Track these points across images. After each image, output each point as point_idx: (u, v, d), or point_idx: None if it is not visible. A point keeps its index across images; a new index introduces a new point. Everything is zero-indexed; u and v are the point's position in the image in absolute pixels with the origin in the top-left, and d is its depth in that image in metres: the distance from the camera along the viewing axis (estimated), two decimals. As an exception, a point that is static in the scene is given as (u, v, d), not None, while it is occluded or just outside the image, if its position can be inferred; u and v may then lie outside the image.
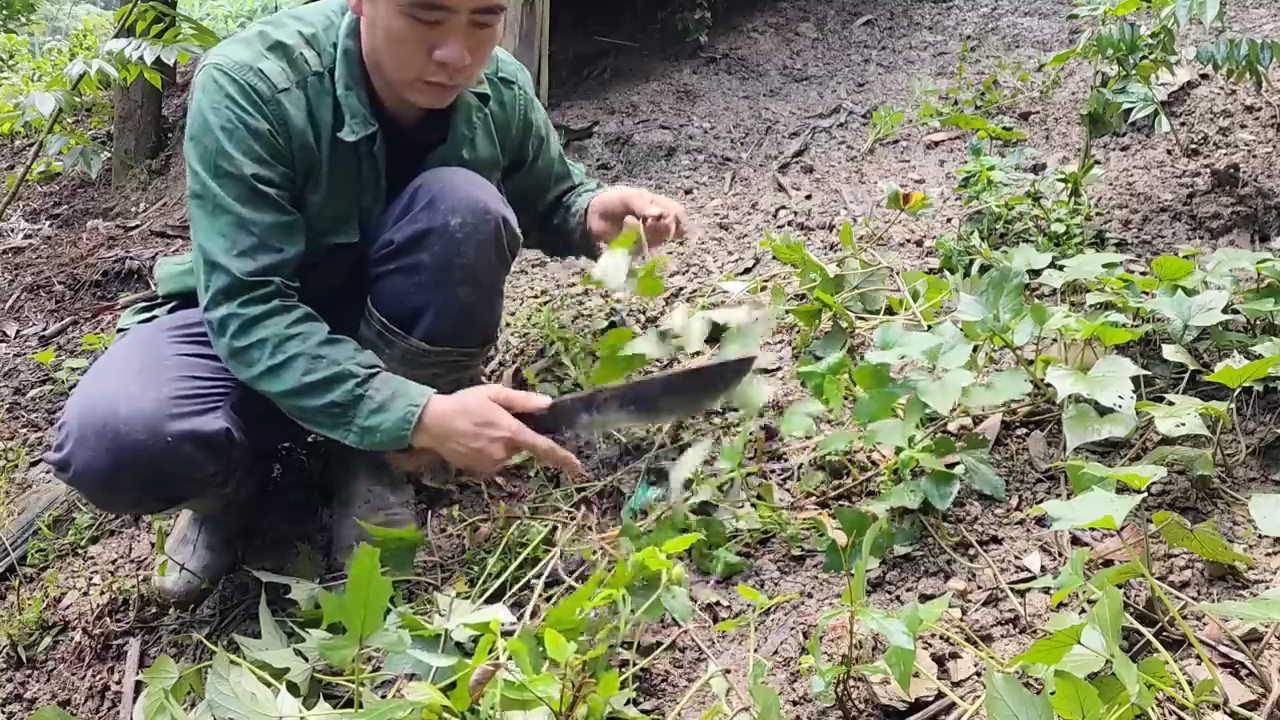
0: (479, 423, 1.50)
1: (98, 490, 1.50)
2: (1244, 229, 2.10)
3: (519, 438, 1.51)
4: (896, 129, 3.32)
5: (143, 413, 1.43)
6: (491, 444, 1.50)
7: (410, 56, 1.48)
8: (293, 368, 1.48)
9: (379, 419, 1.49)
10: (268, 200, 1.51)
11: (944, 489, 1.43)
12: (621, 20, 4.81)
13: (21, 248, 3.95)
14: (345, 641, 1.26)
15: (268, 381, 1.50)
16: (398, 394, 1.50)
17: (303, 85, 1.55)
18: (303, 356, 1.48)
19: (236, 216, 1.49)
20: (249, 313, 1.49)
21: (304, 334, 1.50)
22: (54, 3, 12.45)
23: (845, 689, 1.17)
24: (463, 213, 1.58)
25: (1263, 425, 1.48)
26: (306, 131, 1.55)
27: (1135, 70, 2.07)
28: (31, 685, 1.81)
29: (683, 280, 2.47)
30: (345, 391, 1.49)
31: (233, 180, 1.49)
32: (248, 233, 1.50)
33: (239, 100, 1.49)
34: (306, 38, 1.57)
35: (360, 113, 1.57)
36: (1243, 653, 1.10)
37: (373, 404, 1.49)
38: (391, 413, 1.49)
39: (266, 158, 1.51)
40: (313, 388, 1.48)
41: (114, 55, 2.90)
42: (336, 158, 1.59)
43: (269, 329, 1.49)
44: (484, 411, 1.50)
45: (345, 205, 1.63)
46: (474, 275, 1.62)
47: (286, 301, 1.52)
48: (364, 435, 1.50)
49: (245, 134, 1.49)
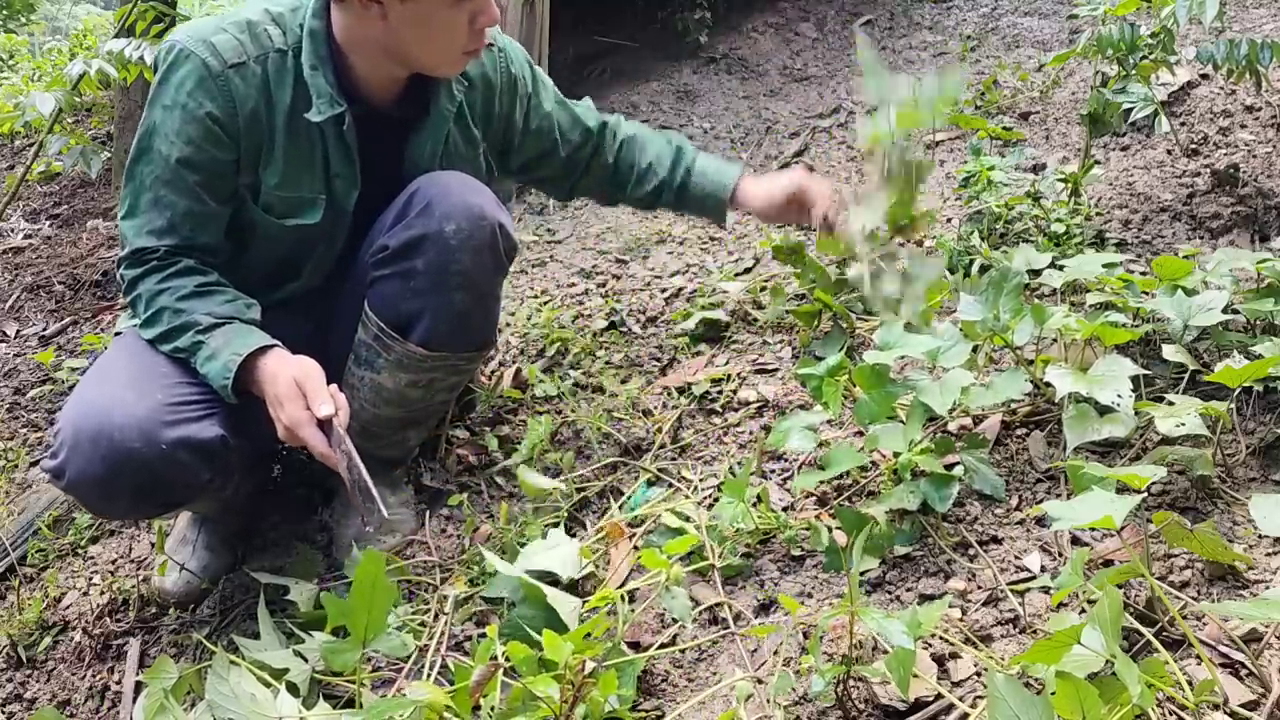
0: (274, 394, 1.48)
1: (93, 497, 1.50)
2: (1244, 229, 2.10)
3: (295, 430, 1.45)
4: (896, 129, 3.31)
5: (137, 420, 1.43)
6: (275, 420, 1.48)
7: (459, 37, 1.54)
8: (159, 318, 1.54)
9: (208, 366, 1.51)
10: (185, 186, 1.55)
11: (943, 490, 1.43)
12: (621, 20, 4.81)
13: (21, 248, 3.94)
14: (348, 646, 1.26)
15: (145, 332, 1.57)
16: (229, 343, 1.52)
17: (261, 60, 1.56)
18: (167, 309, 1.54)
19: (155, 196, 1.56)
20: (133, 272, 1.57)
21: (173, 288, 1.55)
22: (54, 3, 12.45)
23: (845, 689, 1.17)
24: (458, 219, 1.57)
25: (1263, 425, 1.48)
26: (259, 108, 1.56)
27: (1135, 70, 2.07)
28: (31, 685, 1.81)
29: (683, 280, 2.47)
30: (187, 338, 1.53)
31: (160, 159, 1.54)
32: (161, 214, 1.56)
33: (185, 81, 1.53)
34: (273, 16, 1.59)
35: (327, 92, 1.57)
36: (1243, 653, 1.10)
37: (207, 351, 1.51)
38: (217, 361, 1.50)
39: (199, 141, 1.54)
40: (168, 335, 1.54)
41: (114, 55, 2.90)
42: (294, 137, 1.58)
43: (145, 285, 1.56)
44: (280, 388, 1.47)
45: (306, 187, 1.62)
46: (469, 281, 1.61)
47: (165, 260, 1.57)
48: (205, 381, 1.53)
49: (181, 115, 1.53)
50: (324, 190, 1.63)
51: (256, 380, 1.50)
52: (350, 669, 1.29)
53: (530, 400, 2.07)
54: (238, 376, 1.48)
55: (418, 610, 1.56)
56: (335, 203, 1.65)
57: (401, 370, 1.64)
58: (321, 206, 1.64)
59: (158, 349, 1.56)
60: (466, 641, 1.49)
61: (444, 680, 1.38)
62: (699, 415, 1.89)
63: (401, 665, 1.46)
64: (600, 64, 4.59)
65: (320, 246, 1.68)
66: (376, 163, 1.65)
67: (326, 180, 1.63)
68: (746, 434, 1.80)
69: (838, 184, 1.84)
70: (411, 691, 1.16)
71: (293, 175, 1.60)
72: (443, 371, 1.68)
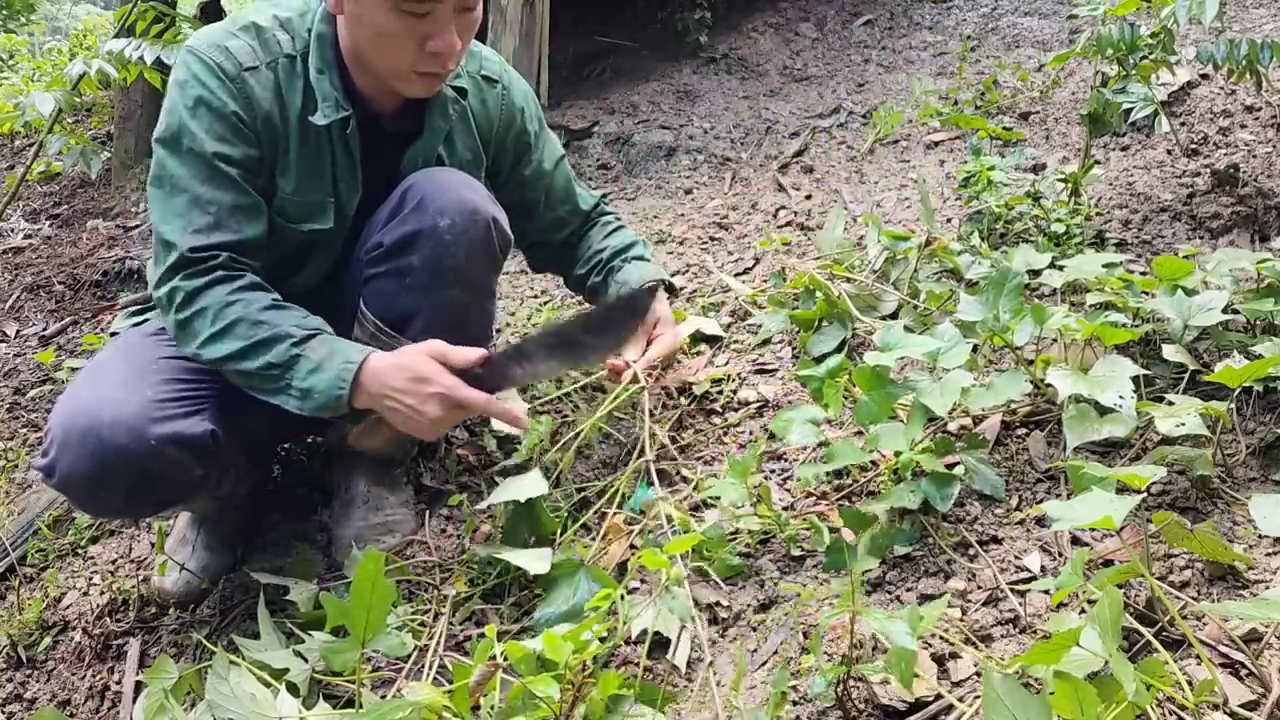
0: (413, 378, 1.44)
1: (84, 495, 1.50)
2: (1244, 229, 2.10)
3: (454, 393, 1.44)
4: (896, 129, 3.32)
5: (126, 417, 1.43)
6: (426, 401, 1.44)
7: (401, 50, 1.48)
8: (233, 333, 1.46)
9: (315, 379, 1.45)
10: (227, 179, 1.51)
11: (944, 490, 1.43)
12: (621, 20, 4.81)
13: (21, 248, 3.94)
14: (347, 645, 1.26)
15: (210, 348, 1.47)
16: (335, 352, 1.47)
17: (273, 66, 1.55)
18: (243, 321, 1.46)
19: (194, 195, 1.50)
20: (192, 284, 1.48)
21: (246, 300, 1.48)
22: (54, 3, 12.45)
23: (845, 689, 1.17)
24: (452, 214, 1.57)
25: (1263, 425, 1.48)
26: (273, 112, 1.55)
27: (1135, 70, 2.07)
28: (31, 685, 1.81)
29: (683, 280, 2.47)
30: (281, 352, 1.45)
31: (193, 157, 1.50)
32: (204, 211, 1.49)
33: (204, 79, 1.50)
34: (281, 21, 1.58)
35: (332, 96, 1.57)
36: (1243, 653, 1.10)
37: (310, 364, 1.45)
38: (328, 371, 1.45)
39: (229, 136, 1.51)
40: (251, 349, 1.46)
41: (114, 55, 2.90)
42: (306, 141, 1.58)
43: (210, 297, 1.47)
44: (418, 366, 1.45)
45: (317, 192, 1.62)
46: (464, 277, 1.61)
47: (231, 271, 1.50)
48: (303, 398, 1.46)
49: (208, 112, 1.50)
50: (331, 194, 1.63)
51: (370, 383, 1.45)
52: (349, 669, 1.29)
53: (530, 400, 2.07)
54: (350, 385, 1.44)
55: (417, 610, 1.56)
56: (340, 207, 1.65)
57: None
58: (331, 211, 1.64)
59: (231, 368, 1.48)
60: (466, 641, 1.49)
61: (444, 680, 1.38)
62: (699, 415, 1.89)
63: (401, 665, 1.46)
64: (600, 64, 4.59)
65: (321, 249, 1.68)
66: (376, 169, 1.65)
67: (333, 184, 1.63)
68: (746, 434, 1.80)
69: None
70: (410, 692, 1.16)
71: (305, 180, 1.60)
72: (441, 369, 1.68)
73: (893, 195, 2.79)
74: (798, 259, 2.38)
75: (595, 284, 1.95)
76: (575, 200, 1.95)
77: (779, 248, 2.51)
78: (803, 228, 2.67)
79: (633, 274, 1.88)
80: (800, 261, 2.33)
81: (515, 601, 1.54)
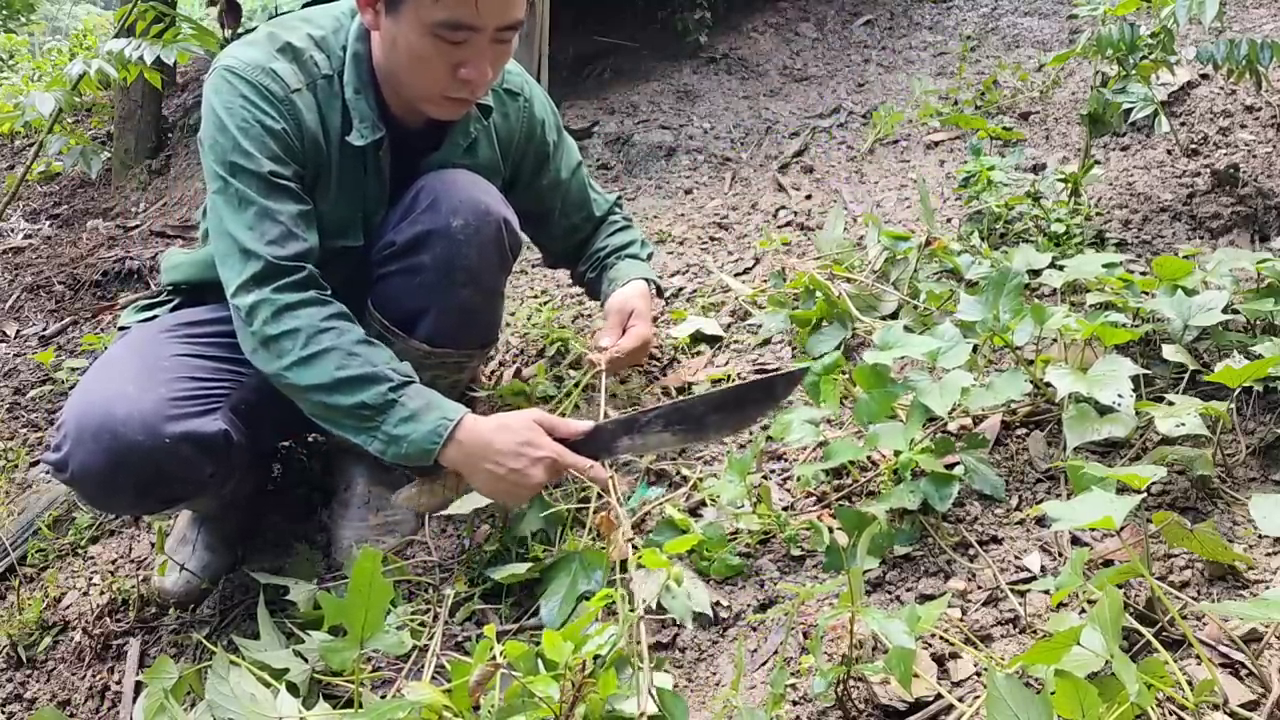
0: (521, 442, 1.44)
1: (96, 491, 1.50)
2: (1244, 229, 2.10)
3: (563, 459, 1.45)
4: (896, 129, 3.32)
5: (140, 414, 1.43)
6: (533, 465, 1.43)
7: (435, 74, 1.48)
8: (325, 361, 1.43)
9: (409, 428, 1.42)
10: (288, 192, 1.50)
11: (943, 490, 1.43)
12: (621, 20, 4.81)
13: (21, 248, 3.95)
14: (346, 644, 1.26)
15: (297, 373, 1.43)
16: (432, 405, 1.45)
17: (312, 88, 1.55)
18: (337, 351, 1.43)
19: (261, 207, 1.47)
20: (283, 299, 1.45)
21: (339, 329, 1.45)
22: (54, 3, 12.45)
23: (845, 689, 1.17)
24: (464, 214, 1.58)
25: (1263, 425, 1.48)
26: (318, 134, 1.55)
27: (1135, 70, 2.07)
28: (31, 685, 1.81)
29: (683, 280, 2.47)
30: (378, 394, 1.43)
31: (251, 176, 1.48)
32: (274, 221, 1.48)
33: (253, 99, 1.49)
34: (316, 40, 1.57)
35: (369, 117, 1.57)
36: (1243, 653, 1.10)
37: (405, 411, 1.43)
38: (423, 423, 1.43)
39: (282, 155, 1.50)
40: (344, 384, 1.42)
41: (114, 55, 2.90)
42: (345, 161, 1.59)
43: (303, 319, 1.44)
44: (525, 431, 1.45)
45: (351, 209, 1.63)
46: (475, 277, 1.62)
47: (323, 295, 1.49)
48: (390, 444, 1.44)
49: (261, 132, 1.48)
50: (361, 210, 1.64)
51: (466, 441, 1.43)
52: (349, 668, 1.29)
53: (530, 400, 2.07)
54: None
55: (417, 610, 1.56)
56: (367, 222, 1.65)
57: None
58: (360, 226, 1.64)
59: (314, 397, 1.44)
60: (466, 641, 1.49)
61: (443, 680, 1.38)
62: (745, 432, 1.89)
63: (401, 665, 1.47)
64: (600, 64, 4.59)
65: (343, 260, 1.68)
66: (399, 184, 1.66)
67: (363, 200, 1.64)
68: (746, 434, 1.80)
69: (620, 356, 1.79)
70: (410, 691, 1.16)
71: (341, 198, 1.61)
72: (445, 369, 1.68)
73: (893, 195, 2.79)
74: (798, 259, 2.38)
75: (591, 279, 1.99)
76: (590, 207, 1.97)
77: (779, 248, 2.51)
78: (803, 228, 2.67)
79: (622, 270, 1.91)
80: (800, 261, 2.33)
81: (515, 601, 1.54)
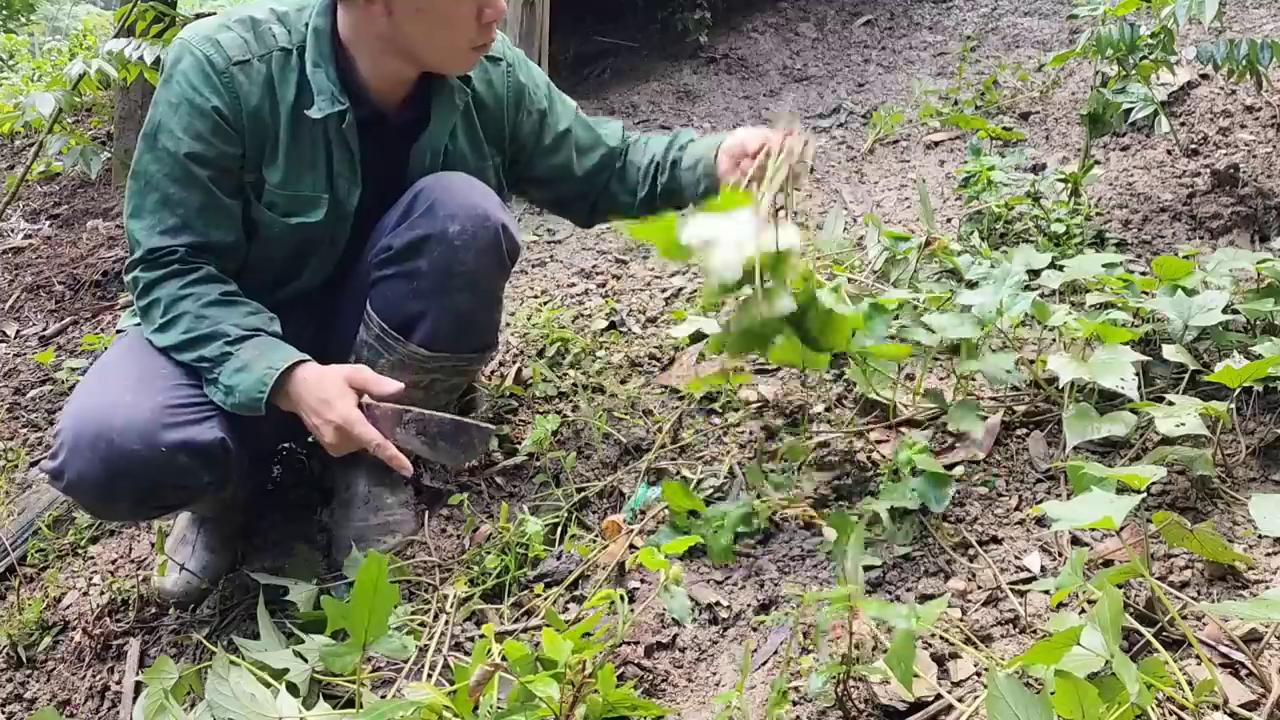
0: (321, 399, 1.47)
1: (93, 499, 1.50)
2: (1244, 229, 2.10)
3: (349, 429, 1.47)
4: (896, 129, 3.32)
5: (137, 422, 1.43)
6: (324, 425, 1.48)
7: (464, 26, 1.53)
8: (178, 324, 1.52)
9: (239, 378, 1.48)
10: (198, 182, 1.54)
11: (940, 490, 1.43)
12: (621, 20, 4.81)
13: (21, 248, 3.94)
14: (348, 648, 1.26)
15: (158, 338, 1.54)
16: (264, 355, 1.50)
17: (265, 59, 1.56)
18: (188, 315, 1.52)
19: (165, 195, 1.54)
20: (149, 275, 1.54)
21: (196, 295, 1.53)
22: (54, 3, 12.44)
23: (845, 689, 1.17)
24: (462, 219, 1.57)
25: (1263, 425, 1.48)
26: (262, 106, 1.56)
27: (1135, 70, 2.07)
28: (31, 685, 1.81)
29: (683, 280, 2.47)
30: (215, 348, 1.50)
31: (168, 155, 1.53)
32: (172, 212, 1.54)
33: (189, 74, 1.52)
34: (279, 15, 1.59)
35: (328, 89, 1.57)
36: (1243, 653, 1.10)
37: (238, 363, 1.49)
38: (252, 373, 1.48)
39: (206, 135, 1.53)
40: (189, 343, 1.51)
41: (114, 55, 2.89)
42: (298, 135, 1.58)
43: (164, 289, 1.53)
44: (327, 389, 1.48)
45: (309, 186, 1.62)
46: (473, 282, 1.61)
47: (187, 264, 1.55)
48: (227, 394, 1.49)
49: (188, 110, 1.52)
50: (326, 189, 1.63)
51: (292, 391, 1.49)
52: (350, 670, 1.29)
53: (531, 400, 2.07)
54: (271, 389, 1.47)
55: (418, 611, 1.56)
56: (338, 202, 1.65)
57: (402, 371, 1.64)
58: (324, 205, 1.64)
59: (172, 356, 1.53)
60: (467, 642, 1.49)
61: (444, 680, 1.38)
62: (699, 415, 1.89)
63: (401, 665, 1.46)
64: (600, 64, 4.59)
65: (323, 247, 1.68)
66: (379, 165, 1.65)
67: (329, 179, 1.63)
68: (746, 434, 1.80)
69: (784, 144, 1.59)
70: (410, 692, 1.16)
71: (295, 173, 1.60)
72: (444, 372, 1.68)
73: (893, 195, 2.79)
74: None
75: (670, 189, 1.81)
76: (602, 139, 1.88)
77: (779, 248, 2.51)
78: (803, 228, 2.66)
79: (699, 149, 1.75)
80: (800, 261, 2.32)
81: (515, 601, 1.54)
